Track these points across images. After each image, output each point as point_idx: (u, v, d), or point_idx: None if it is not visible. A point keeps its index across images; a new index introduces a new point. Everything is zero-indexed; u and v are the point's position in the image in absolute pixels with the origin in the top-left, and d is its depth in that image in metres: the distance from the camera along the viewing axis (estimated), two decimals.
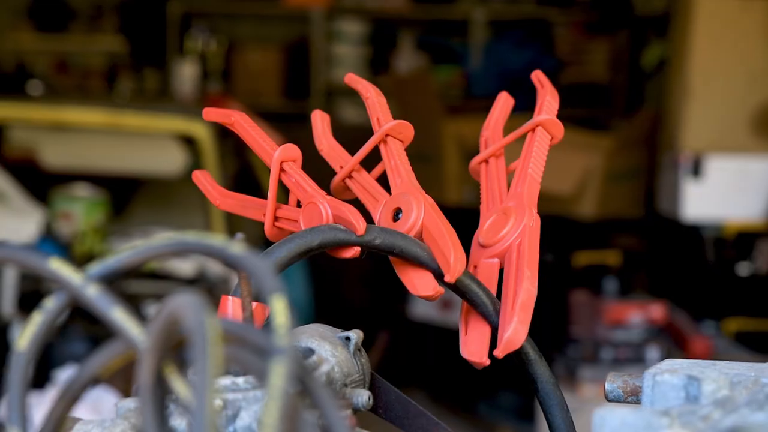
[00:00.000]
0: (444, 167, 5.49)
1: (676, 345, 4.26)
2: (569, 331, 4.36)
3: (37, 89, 4.91)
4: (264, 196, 1.11)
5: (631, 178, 5.32)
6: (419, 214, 1.06)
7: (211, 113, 1.15)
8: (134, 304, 3.39)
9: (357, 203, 1.13)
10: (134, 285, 3.50)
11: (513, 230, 1.11)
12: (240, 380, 0.88)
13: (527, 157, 1.18)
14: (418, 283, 1.05)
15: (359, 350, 1.01)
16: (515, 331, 1.02)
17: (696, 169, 4.68)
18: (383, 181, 1.16)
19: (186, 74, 7.11)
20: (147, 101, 6.27)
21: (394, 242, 1.04)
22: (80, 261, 3.42)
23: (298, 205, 1.09)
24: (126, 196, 4.20)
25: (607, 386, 1.06)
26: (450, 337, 5.40)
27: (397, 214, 1.07)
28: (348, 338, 1.00)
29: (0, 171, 3.96)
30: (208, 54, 7.30)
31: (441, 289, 1.04)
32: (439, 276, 1.04)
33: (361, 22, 7.32)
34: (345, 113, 7.28)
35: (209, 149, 3.95)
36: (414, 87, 6.00)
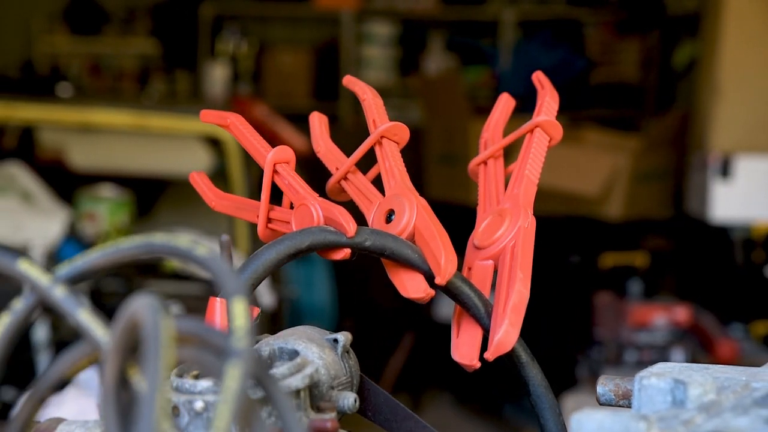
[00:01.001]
0: None
1: (703, 348, 4.23)
2: (593, 333, 4.34)
3: (67, 91, 4.95)
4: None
5: (659, 178, 5.29)
6: (411, 216, 1.06)
7: (208, 115, 1.15)
8: None
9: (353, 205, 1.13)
10: (156, 285, 3.52)
11: (507, 232, 1.10)
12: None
13: (525, 158, 1.18)
14: (409, 284, 1.05)
15: (347, 352, 1.01)
16: (506, 334, 1.02)
17: (725, 170, 4.64)
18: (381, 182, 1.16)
19: (217, 76, 7.15)
20: (176, 103, 6.31)
21: (384, 244, 1.04)
22: None
23: (292, 207, 1.09)
24: (152, 198, 4.23)
25: (599, 389, 1.06)
26: None
27: (389, 216, 1.08)
28: (336, 340, 1.01)
29: (28, 171, 4.00)
30: (239, 56, 7.34)
31: (431, 291, 1.04)
32: (430, 278, 1.04)
33: (390, 23, 7.33)
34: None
35: (234, 151, 3.96)
36: (442, 88, 5.99)
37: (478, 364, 1.05)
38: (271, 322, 4.26)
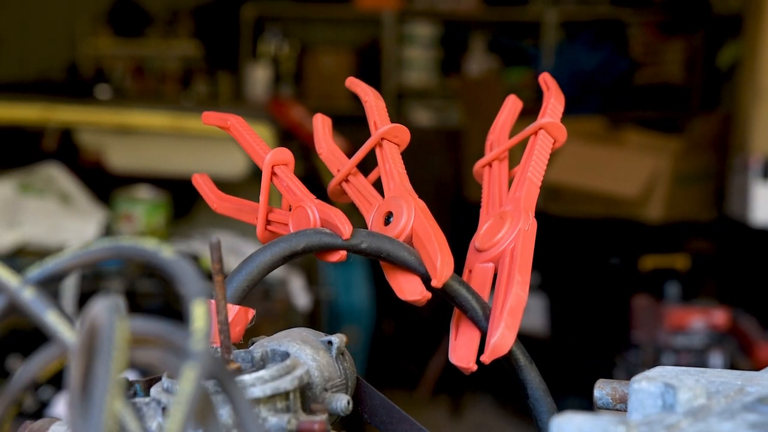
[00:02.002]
0: (510, 170, 5.46)
1: (742, 351, 4.18)
2: (631, 336, 4.31)
3: (106, 93, 5.00)
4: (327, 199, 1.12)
5: (700, 180, 5.24)
6: (409, 219, 1.06)
7: (209, 117, 1.16)
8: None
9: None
10: None
11: (508, 235, 1.10)
12: (209, 384, 0.89)
13: (527, 160, 1.17)
14: (406, 287, 1.04)
15: (342, 354, 1.01)
16: (502, 337, 1.02)
17: (766, 172, 4.59)
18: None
19: (259, 78, 7.19)
20: (217, 104, 6.35)
21: (381, 246, 1.04)
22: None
23: (291, 209, 1.09)
24: (189, 199, 4.25)
25: (596, 393, 1.05)
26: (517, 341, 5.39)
27: (388, 218, 1.08)
28: (330, 342, 1.01)
29: (67, 173, 4.04)
30: (280, 57, 7.37)
31: (428, 294, 1.04)
32: (427, 280, 1.04)
33: (432, 24, 7.32)
34: (416, 116, 7.28)
35: None
36: (482, 89, 5.98)
37: (475, 367, 1.04)
38: (310, 324, 4.27)
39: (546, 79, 1.26)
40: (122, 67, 7.46)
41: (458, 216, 6.02)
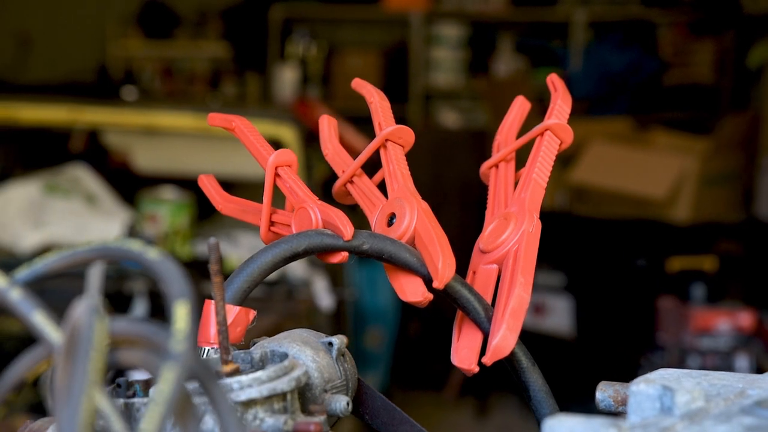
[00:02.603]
0: None
1: None
2: (656, 338, 4.29)
3: (132, 94, 5.03)
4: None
5: (728, 181, 5.20)
6: (412, 220, 1.06)
7: (215, 118, 1.17)
8: None
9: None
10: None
11: (512, 236, 1.09)
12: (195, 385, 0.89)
13: (533, 162, 1.17)
14: (408, 288, 1.04)
15: (343, 356, 1.01)
16: (503, 338, 1.01)
17: None
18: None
19: (286, 79, 7.20)
20: (245, 105, 6.37)
21: (382, 248, 1.03)
22: None
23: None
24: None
25: (598, 395, 1.05)
26: (542, 342, 5.36)
27: (391, 220, 1.07)
28: (331, 343, 1.01)
29: (94, 173, 4.07)
30: (308, 58, 7.38)
31: (430, 295, 1.04)
32: (429, 282, 1.04)
33: (460, 25, 7.31)
34: (443, 117, 7.28)
35: (296, 153, 3.98)
36: (509, 90, 5.95)
37: (476, 369, 1.04)
38: (335, 324, 4.27)
39: (554, 80, 1.25)
40: (151, 68, 7.50)
41: (484, 216, 6.02)
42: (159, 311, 3.28)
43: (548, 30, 7.41)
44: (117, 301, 3.34)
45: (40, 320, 0.67)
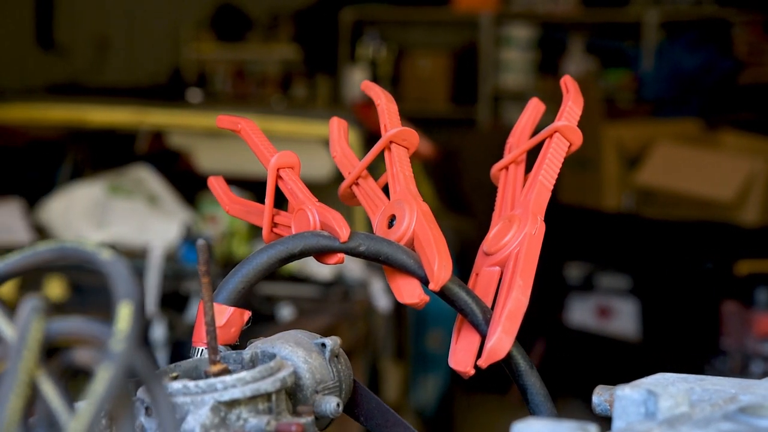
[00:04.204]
0: (603, 173, 5.40)
1: None
2: (719, 343, 4.22)
3: (197, 97, 5.09)
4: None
5: None
6: (411, 222, 1.06)
7: (223, 120, 1.18)
8: (271, 305, 3.47)
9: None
10: (272, 287, 3.58)
11: (514, 238, 1.09)
12: (191, 384, 0.90)
13: (540, 163, 1.16)
14: (405, 290, 1.04)
15: (337, 357, 1.02)
16: (499, 341, 1.01)
17: None
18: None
19: (356, 81, 7.22)
20: (313, 107, 6.40)
21: (379, 249, 1.04)
22: (219, 262, 3.53)
23: None
24: (276, 202, 4.30)
25: (594, 399, 1.04)
26: (607, 345, 5.30)
27: (391, 221, 1.08)
28: (324, 345, 1.01)
29: (156, 174, 4.13)
30: (378, 60, 7.40)
31: (426, 297, 1.04)
32: (426, 284, 1.04)
33: (530, 26, 7.28)
34: (512, 118, 7.24)
35: (357, 155, 3.99)
36: None
37: (472, 371, 1.04)
38: (395, 326, 4.28)
39: (567, 82, 1.24)
40: (224, 71, 7.58)
41: (550, 217, 5.98)
42: None
43: (620, 30, 7.34)
44: (174, 301, 3.38)
45: None
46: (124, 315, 0.64)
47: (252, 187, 4.18)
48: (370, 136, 4.42)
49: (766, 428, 0.78)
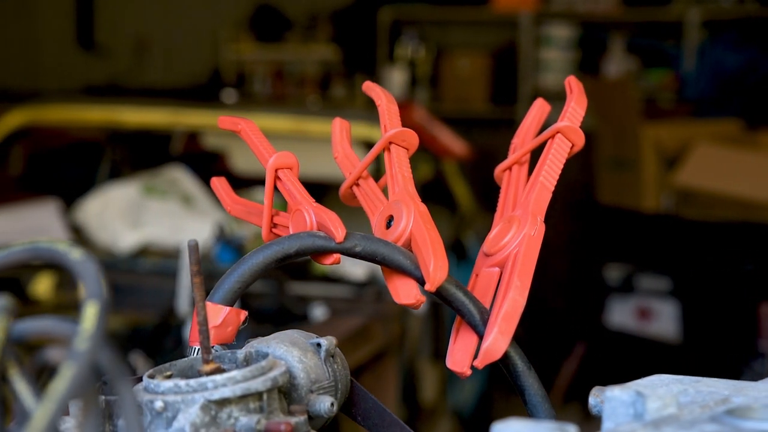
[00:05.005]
0: (642, 174, 5.36)
1: None
2: (757, 345, 4.17)
3: (231, 97, 5.12)
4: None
5: None
6: (408, 223, 1.06)
7: (224, 121, 1.19)
8: (304, 305, 3.48)
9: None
10: (305, 287, 3.59)
11: (513, 239, 1.09)
12: (182, 383, 0.91)
13: (542, 164, 1.15)
14: (401, 290, 1.05)
15: (332, 357, 1.02)
16: (494, 341, 1.01)
17: None
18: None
19: (395, 81, 7.23)
20: (351, 107, 6.41)
21: (375, 250, 1.04)
22: None
23: None
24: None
25: (591, 401, 1.03)
26: (647, 347, 5.26)
27: (389, 222, 1.08)
28: (319, 345, 1.02)
29: (191, 174, 4.15)
30: (417, 60, 7.40)
31: (422, 298, 1.04)
32: (423, 284, 1.04)
33: (570, 26, 7.23)
34: (553, 118, 7.19)
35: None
36: (614, 92, 5.88)
37: (469, 372, 1.04)
38: (431, 327, 4.27)
39: (571, 83, 1.24)
40: (263, 71, 7.61)
41: (589, 219, 5.94)
42: (247, 310, 3.32)
43: (661, 29, 7.28)
44: None
45: None
46: (90, 314, 0.64)
47: None
48: None
49: (749, 430, 0.78)
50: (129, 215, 3.85)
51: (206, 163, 4.52)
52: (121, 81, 7.45)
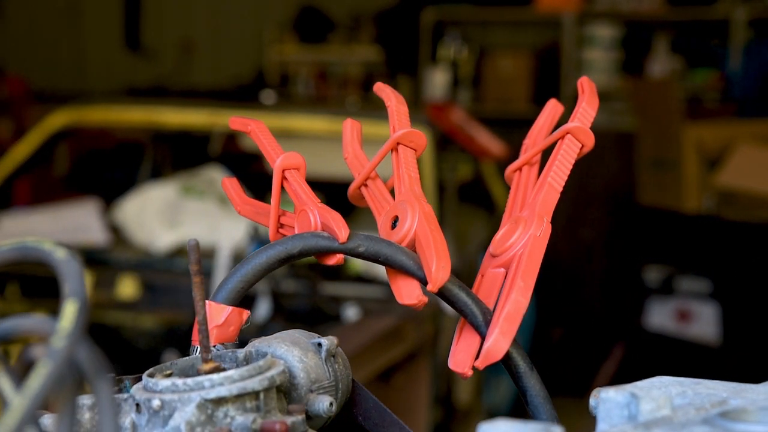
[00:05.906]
0: (683, 174, 5.32)
1: None
2: None
3: (270, 98, 5.14)
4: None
5: None
6: (413, 223, 1.06)
7: (235, 122, 1.20)
8: (337, 305, 3.49)
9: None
10: (338, 288, 3.60)
11: (519, 240, 1.08)
12: (179, 382, 0.92)
13: (550, 165, 1.15)
14: (404, 291, 1.05)
15: (333, 356, 1.02)
16: (495, 342, 1.01)
17: None
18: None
19: (437, 81, 7.23)
20: (383, 108, 6.41)
21: (379, 250, 1.04)
22: None
23: None
24: (348, 202, 4.32)
25: (592, 402, 1.03)
26: (687, 349, 5.22)
27: (394, 222, 1.08)
28: (320, 344, 1.02)
29: (228, 175, 4.17)
30: (459, 61, 7.39)
31: (425, 298, 1.04)
32: (426, 285, 1.04)
33: (613, 25, 7.19)
34: (596, 119, 7.16)
35: (426, 155, 4.00)
36: (657, 93, 5.84)
37: (470, 373, 1.04)
38: None
39: (583, 83, 1.23)
40: (306, 72, 7.64)
41: (629, 219, 5.90)
42: (280, 311, 3.34)
43: (706, 29, 7.22)
44: (242, 301, 3.41)
45: None
46: (69, 313, 0.65)
47: (322, 188, 4.21)
48: (441, 136, 4.42)
49: None
50: (166, 215, 3.88)
51: (244, 164, 4.55)
52: (167, 82, 7.52)
